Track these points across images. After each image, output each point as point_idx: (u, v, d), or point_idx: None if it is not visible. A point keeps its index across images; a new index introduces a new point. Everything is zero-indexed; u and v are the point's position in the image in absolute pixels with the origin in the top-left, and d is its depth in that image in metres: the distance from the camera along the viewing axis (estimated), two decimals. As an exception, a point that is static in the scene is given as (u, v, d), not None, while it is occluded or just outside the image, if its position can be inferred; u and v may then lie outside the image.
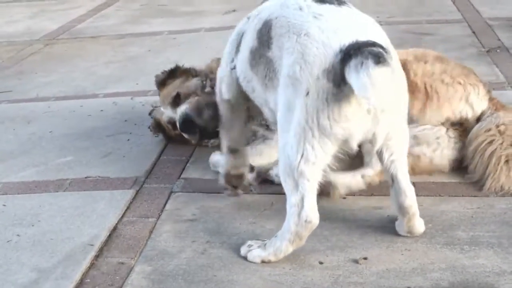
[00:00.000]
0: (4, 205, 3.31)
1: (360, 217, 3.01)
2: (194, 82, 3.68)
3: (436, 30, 5.94)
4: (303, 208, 2.63)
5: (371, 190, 3.23)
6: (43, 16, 7.92)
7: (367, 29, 2.62)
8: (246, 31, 2.91)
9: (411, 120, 3.09)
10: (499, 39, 5.49)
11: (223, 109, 3.16)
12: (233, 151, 3.18)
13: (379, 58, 2.31)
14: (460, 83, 3.33)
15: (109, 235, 2.98)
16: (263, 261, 2.73)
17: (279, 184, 3.27)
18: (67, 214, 3.18)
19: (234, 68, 3.01)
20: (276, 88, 2.69)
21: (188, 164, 3.63)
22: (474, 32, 5.79)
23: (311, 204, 2.64)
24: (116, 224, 3.07)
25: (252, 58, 2.82)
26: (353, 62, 2.36)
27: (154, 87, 4.80)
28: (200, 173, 3.53)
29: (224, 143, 3.22)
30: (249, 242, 2.81)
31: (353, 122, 2.52)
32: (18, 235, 3.03)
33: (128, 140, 3.99)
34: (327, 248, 2.78)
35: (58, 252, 2.86)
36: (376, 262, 2.66)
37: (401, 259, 2.68)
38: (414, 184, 3.21)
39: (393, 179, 2.78)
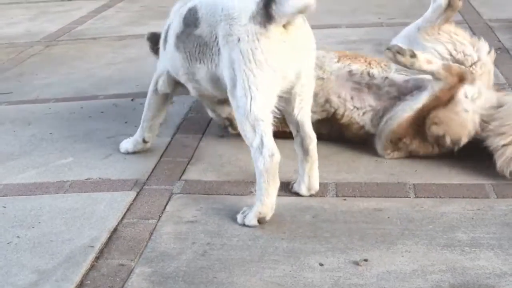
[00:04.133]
0: (4, 207, 3.30)
1: (360, 219, 3.01)
2: None
3: (437, 31, 5.94)
4: (264, 145, 2.96)
5: (371, 192, 3.23)
6: (43, 17, 7.92)
7: None
8: (172, 23, 3.50)
9: None
10: (500, 41, 5.50)
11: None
12: None
13: None
14: None
15: (110, 236, 2.98)
16: (258, 220, 3.00)
17: (279, 186, 3.31)
18: (67, 216, 3.18)
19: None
20: (207, 58, 3.17)
21: (188, 166, 3.62)
22: (474, 34, 5.77)
23: (270, 141, 2.97)
24: (117, 225, 3.07)
25: (177, 41, 3.35)
26: None
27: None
28: (200, 174, 3.53)
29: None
30: (243, 209, 3.07)
31: (282, 56, 2.96)
32: (18, 236, 3.03)
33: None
34: (328, 249, 2.78)
35: (58, 254, 2.86)
36: (376, 264, 2.66)
37: (401, 260, 2.68)
38: (414, 186, 3.25)
39: (299, 126, 3.15)
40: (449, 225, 2.91)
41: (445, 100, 3.41)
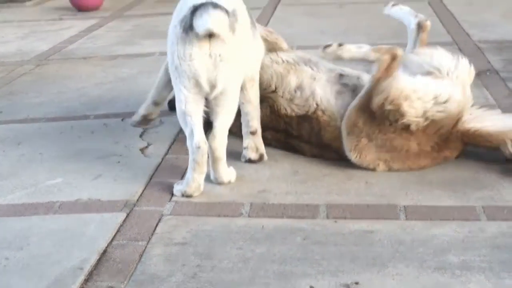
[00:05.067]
0: (-7, 228, 3.28)
1: (351, 241, 3.00)
2: None
3: (427, 52, 5.97)
4: (193, 138, 3.37)
5: (361, 213, 3.23)
6: (34, 36, 7.92)
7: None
8: None
9: None
10: (489, 62, 5.53)
11: None
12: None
13: (217, 5, 3.11)
14: None
15: (99, 258, 2.96)
16: (182, 195, 3.46)
17: (270, 208, 3.31)
18: (56, 237, 3.16)
19: None
20: None
21: (178, 187, 3.61)
22: (464, 55, 5.81)
23: (198, 134, 3.38)
24: (106, 247, 3.05)
25: None
26: (199, 11, 3.11)
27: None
28: (190, 195, 3.52)
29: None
30: (178, 182, 3.55)
31: (196, 61, 3.22)
32: (6, 258, 3.00)
33: (119, 162, 3.98)
34: (318, 272, 2.77)
35: (47, 276, 2.83)
36: (367, 287, 2.65)
37: (392, 284, 2.67)
38: (405, 208, 3.24)
39: (212, 125, 3.43)
40: (440, 247, 2.91)
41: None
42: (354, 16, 7.84)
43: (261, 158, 3.80)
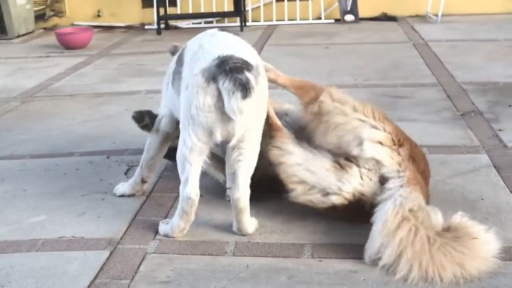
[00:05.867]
0: (-26, 265, 3.24)
1: (335, 281, 2.99)
2: None
3: (412, 93, 6.03)
4: (186, 187, 3.29)
5: (346, 253, 3.22)
6: (21, 73, 7.92)
7: (241, 48, 3.31)
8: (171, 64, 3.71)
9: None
10: (473, 103, 5.58)
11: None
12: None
13: (246, 91, 3.03)
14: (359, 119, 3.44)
15: (81, 297, 2.93)
16: (165, 235, 3.42)
17: (255, 247, 3.29)
18: (38, 275, 3.12)
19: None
20: None
21: (163, 225, 3.59)
22: (448, 96, 5.88)
23: (192, 184, 3.28)
24: (89, 286, 3.01)
25: (173, 79, 3.56)
26: (226, 85, 3.06)
27: (130, 146, 4.82)
28: (175, 234, 3.50)
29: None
30: (164, 220, 3.52)
31: (214, 113, 3.15)
32: (-13, 296, 2.97)
33: (103, 199, 3.96)
34: (303, 312, 2.75)
35: (28, 315, 2.80)
36: (352, 327, 2.64)
37: (377, 324, 2.66)
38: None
39: (234, 175, 3.33)
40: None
41: None
42: (340, 57, 7.92)
43: None
